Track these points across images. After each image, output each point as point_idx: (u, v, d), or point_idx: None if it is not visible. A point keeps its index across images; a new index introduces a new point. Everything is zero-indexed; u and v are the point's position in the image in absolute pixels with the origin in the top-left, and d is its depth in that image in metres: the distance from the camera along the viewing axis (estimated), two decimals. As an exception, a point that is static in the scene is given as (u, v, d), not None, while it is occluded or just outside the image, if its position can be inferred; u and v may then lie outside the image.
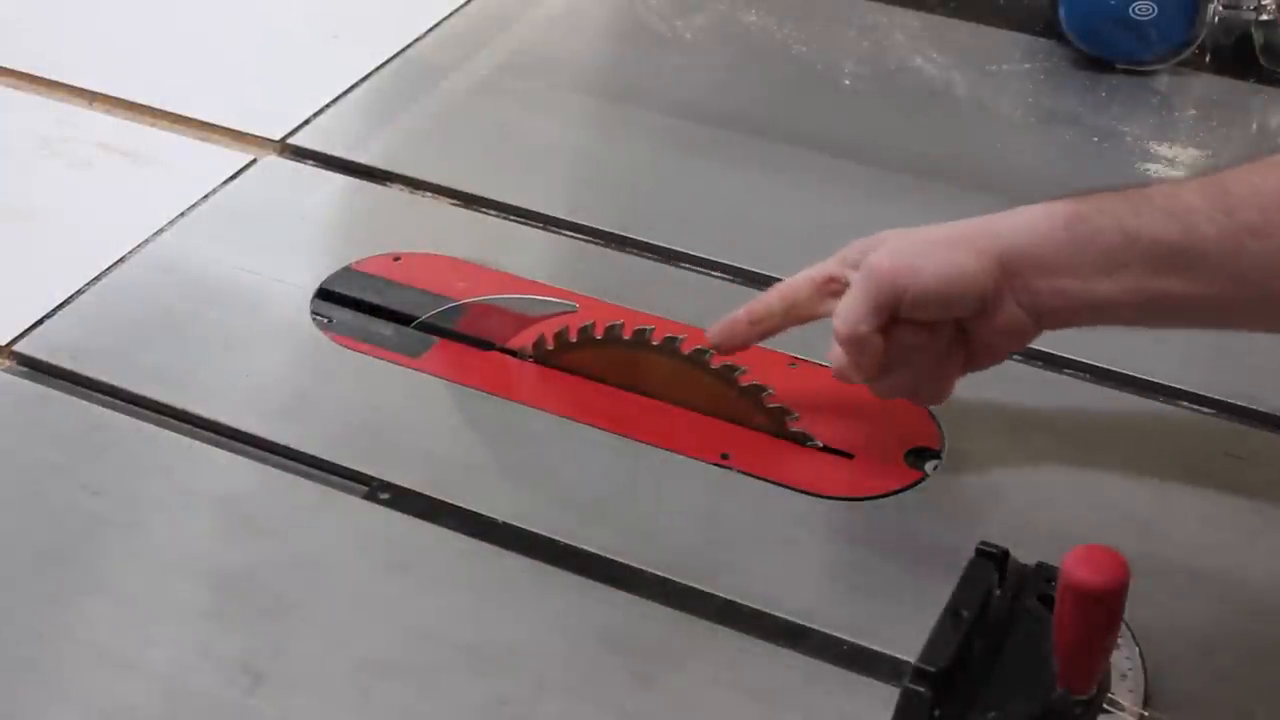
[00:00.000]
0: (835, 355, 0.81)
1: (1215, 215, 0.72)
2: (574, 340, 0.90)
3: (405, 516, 0.82)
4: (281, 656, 0.74)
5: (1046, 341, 0.93)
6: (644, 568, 0.79)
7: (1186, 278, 0.74)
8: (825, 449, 0.86)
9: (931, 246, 0.78)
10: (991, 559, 0.71)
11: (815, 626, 0.76)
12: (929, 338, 0.79)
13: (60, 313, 0.95)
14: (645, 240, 1.03)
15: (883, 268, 0.77)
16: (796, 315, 0.83)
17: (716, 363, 0.87)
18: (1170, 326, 0.79)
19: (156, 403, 0.88)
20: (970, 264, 0.76)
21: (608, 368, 0.90)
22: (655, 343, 0.88)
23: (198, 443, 0.86)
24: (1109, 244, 0.75)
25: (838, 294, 0.80)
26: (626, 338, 0.88)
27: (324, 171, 1.11)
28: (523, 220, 1.06)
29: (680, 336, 0.88)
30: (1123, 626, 0.66)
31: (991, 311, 0.77)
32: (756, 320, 0.84)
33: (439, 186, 1.08)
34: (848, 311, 0.78)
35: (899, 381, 0.81)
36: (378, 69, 1.22)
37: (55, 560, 0.79)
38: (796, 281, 0.83)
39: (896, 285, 0.77)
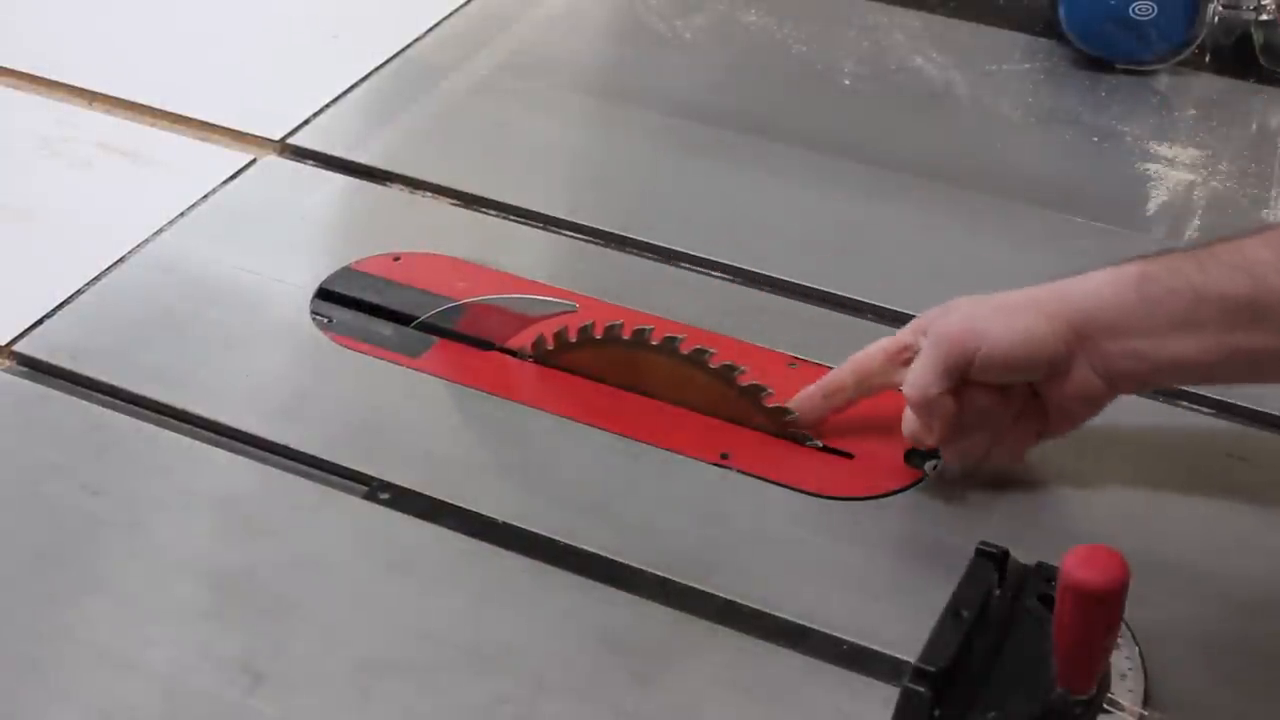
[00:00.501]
0: (907, 419, 0.81)
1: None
2: (573, 340, 0.90)
3: (405, 516, 0.82)
4: (281, 656, 0.74)
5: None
6: (644, 568, 0.79)
7: (1259, 330, 0.75)
8: (825, 449, 0.86)
9: (1001, 311, 0.79)
10: (991, 559, 0.71)
11: (815, 626, 0.76)
12: (1000, 401, 0.80)
13: (60, 313, 0.95)
14: (645, 240, 1.03)
15: (951, 331, 0.79)
16: (870, 386, 0.84)
17: (715, 362, 0.87)
18: (1247, 381, 0.80)
19: (156, 403, 0.88)
20: (1039, 327, 0.77)
21: (607, 368, 0.90)
22: (654, 343, 0.88)
23: (198, 443, 0.86)
24: (1179, 303, 0.75)
25: (910, 362, 0.81)
26: (626, 338, 0.88)
27: (324, 171, 1.11)
28: (523, 220, 1.06)
29: (680, 336, 0.88)
30: (1123, 626, 0.66)
31: (1063, 375, 0.78)
32: (830, 394, 0.85)
33: (439, 186, 1.08)
34: (917, 375, 0.79)
35: (972, 446, 0.81)
36: (378, 69, 1.22)
37: (55, 560, 0.79)
38: (870, 352, 0.84)
39: (966, 348, 0.78)
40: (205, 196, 1.06)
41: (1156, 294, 0.76)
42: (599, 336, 0.89)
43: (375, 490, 0.83)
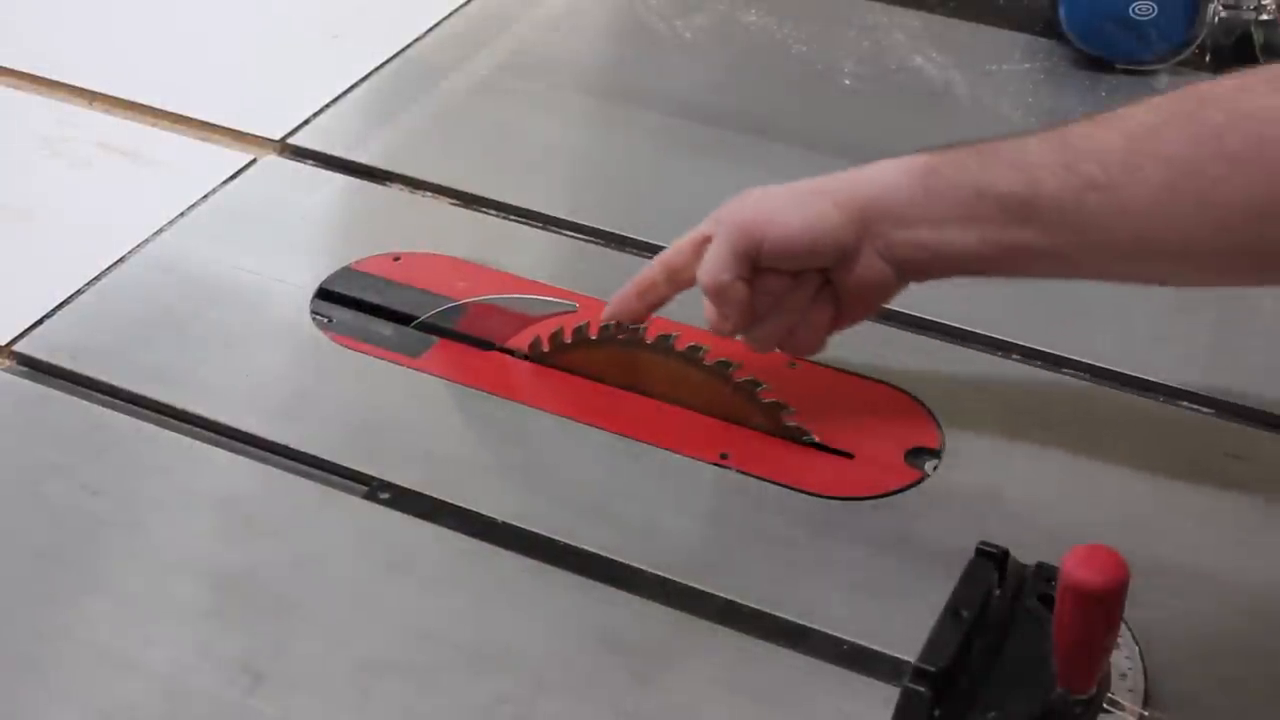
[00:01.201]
0: (707, 310, 0.83)
1: (1057, 169, 0.75)
2: (569, 341, 0.90)
3: (405, 516, 0.82)
4: (281, 656, 0.74)
5: (1046, 341, 0.94)
6: (644, 568, 0.79)
7: (1032, 229, 0.76)
8: (825, 449, 0.86)
9: (790, 198, 0.81)
10: (991, 559, 0.71)
11: (815, 626, 0.76)
12: (792, 287, 0.82)
13: (60, 313, 0.95)
14: (645, 240, 1.03)
15: (741, 218, 0.81)
16: (679, 280, 0.86)
17: (710, 359, 0.87)
18: (1021, 275, 0.80)
19: (156, 403, 0.88)
20: (828, 214, 0.80)
21: (604, 367, 0.90)
22: (649, 341, 0.88)
23: (198, 443, 0.86)
24: (960, 197, 0.78)
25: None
26: (620, 337, 0.88)
27: (324, 171, 1.11)
28: (523, 220, 1.06)
29: (673, 334, 0.88)
30: (1123, 626, 0.66)
31: (852, 262, 0.81)
32: (644, 291, 0.87)
33: (439, 186, 1.08)
34: (709, 263, 0.81)
35: (769, 331, 0.83)
36: (378, 69, 1.22)
37: (55, 560, 0.79)
38: (676, 246, 0.86)
39: (754, 234, 0.80)
40: (205, 196, 1.06)
41: (940, 187, 0.78)
42: (594, 337, 0.89)
43: (375, 490, 0.83)
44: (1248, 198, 0.71)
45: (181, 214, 1.04)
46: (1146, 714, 0.69)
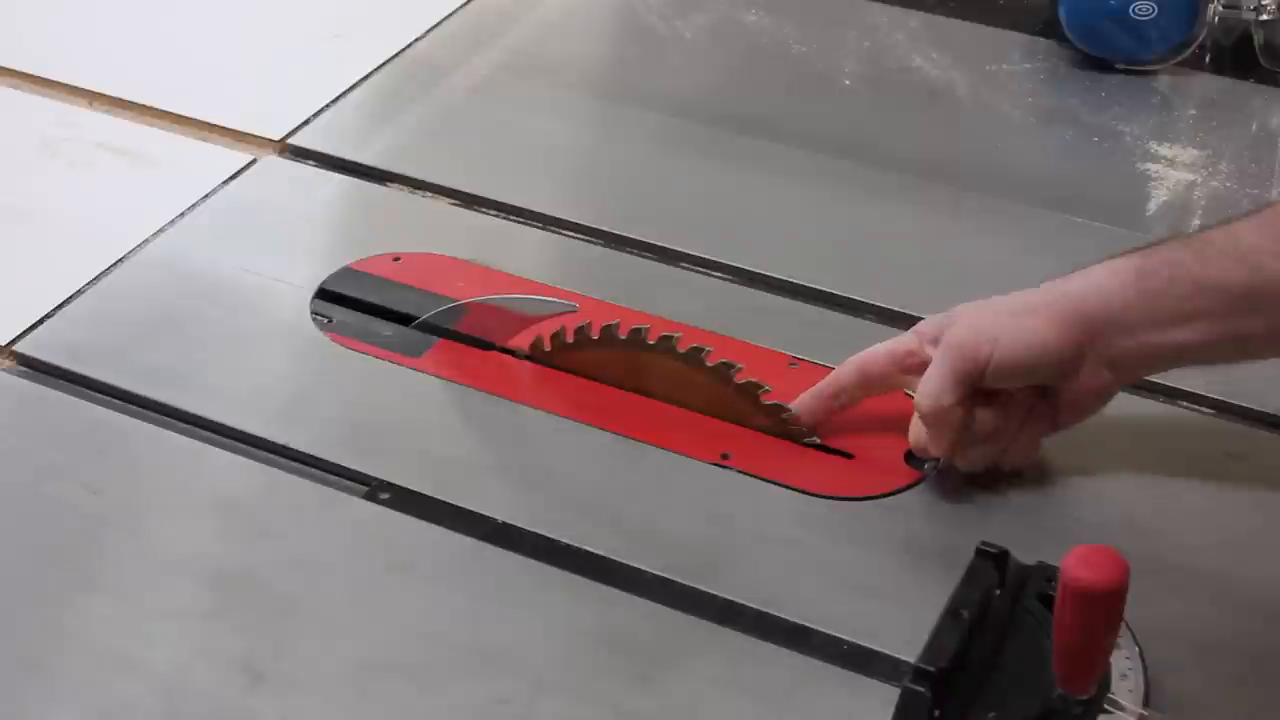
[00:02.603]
0: (915, 430, 0.82)
1: (1278, 253, 0.74)
2: (570, 341, 0.90)
3: (405, 516, 0.82)
4: (281, 656, 0.74)
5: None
6: (644, 568, 0.79)
7: (1256, 316, 0.77)
8: (825, 449, 0.86)
9: (1007, 316, 0.79)
10: (991, 559, 0.71)
11: (815, 626, 0.76)
12: (1006, 411, 0.81)
13: (60, 313, 0.95)
14: (645, 240, 1.03)
15: (963, 339, 0.79)
16: (872, 389, 0.85)
17: (712, 360, 0.87)
18: (1238, 361, 0.81)
19: (156, 403, 0.88)
20: (1048, 331, 0.78)
21: (606, 368, 0.90)
22: (651, 342, 0.88)
23: (198, 443, 0.86)
24: (1180, 294, 0.77)
25: (913, 368, 0.81)
26: (622, 337, 0.88)
27: (324, 171, 1.11)
28: (523, 220, 1.06)
29: (676, 335, 0.88)
30: (1123, 626, 0.66)
31: (1073, 373, 0.79)
32: (837, 394, 0.85)
33: (439, 186, 1.08)
34: (930, 386, 0.79)
35: (985, 453, 0.82)
36: (378, 69, 1.22)
37: (55, 560, 0.79)
38: (875, 355, 0.84)
39: (979, 357, 0.78)
40: (205, 196, 1.06)
41: (1157, 286, 0.77)
42: (595, 337, 0.89)
43: (375, 490, 0.83)
44: None
45: (181, 214, 1.04)
46: (1146, 714, 0.69)
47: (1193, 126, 1.20)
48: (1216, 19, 1.22)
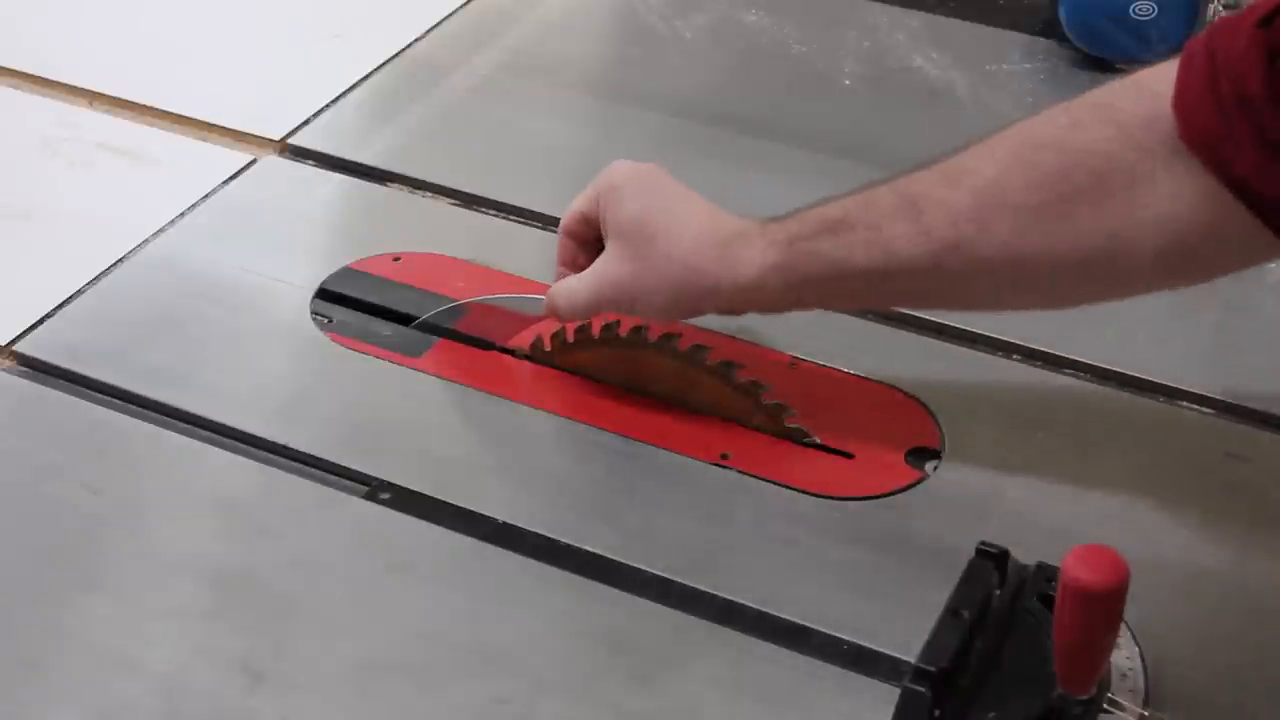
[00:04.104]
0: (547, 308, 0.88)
1: (915, 236, 0.76)
2: (571, 340, 0.90)
3: (405, 516, 0.82)
4: (281, 656, 0.74)
5: (1046, 341, 0.94)
6: (644, 568, 0.79)
7: (892, 295, 0.82)
8: (825, 449, 0.86)
9: (667, 275, 0.82)
10: (991, 559, 0.71)
11: (815, 626, 0.76)
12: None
13: (60, 313, 0.95)
14: (645, 240, 1.03)
15: (621, 282, 0.83)
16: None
17: (712, 360, 0.87)
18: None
19: (156, 403, 0.88)
20: (697, 306, 0.83)
21: (606, 368, 0.90)
22: (651, 342, 0.88)
23: (198, 443, 0.86)
24: (820, 288, 0.80)
25: (579, 236, 0.87)
26: (622, 337, 0.88)
27: (324, 171, 1.11)
28: (523, 220, 1.06)
29: (676, 335, 0.88)
30: (1123, 626, 0.66)
31: None
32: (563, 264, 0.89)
33: (439, 186, 1.08)
34: (574, 299, 0.85)
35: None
36: (378, 69, 1.22)
37: (55, 560, 0.79)
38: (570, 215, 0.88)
39: (623, 304, 0.84)
40: (205, 196, 1.06)
41: (797, 280, 0.79)
42: (596, 336, 0.89)
43: (375, 490, 0.83)
44: (1093, 230, 0.72)
45: (181, 214, 1.04)
46: (1147, 714, 0.69)
47: (1193, 126, 1.19)
48: (1216, 19, 1.22)
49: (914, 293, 0.81)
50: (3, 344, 0.92)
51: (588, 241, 0.87)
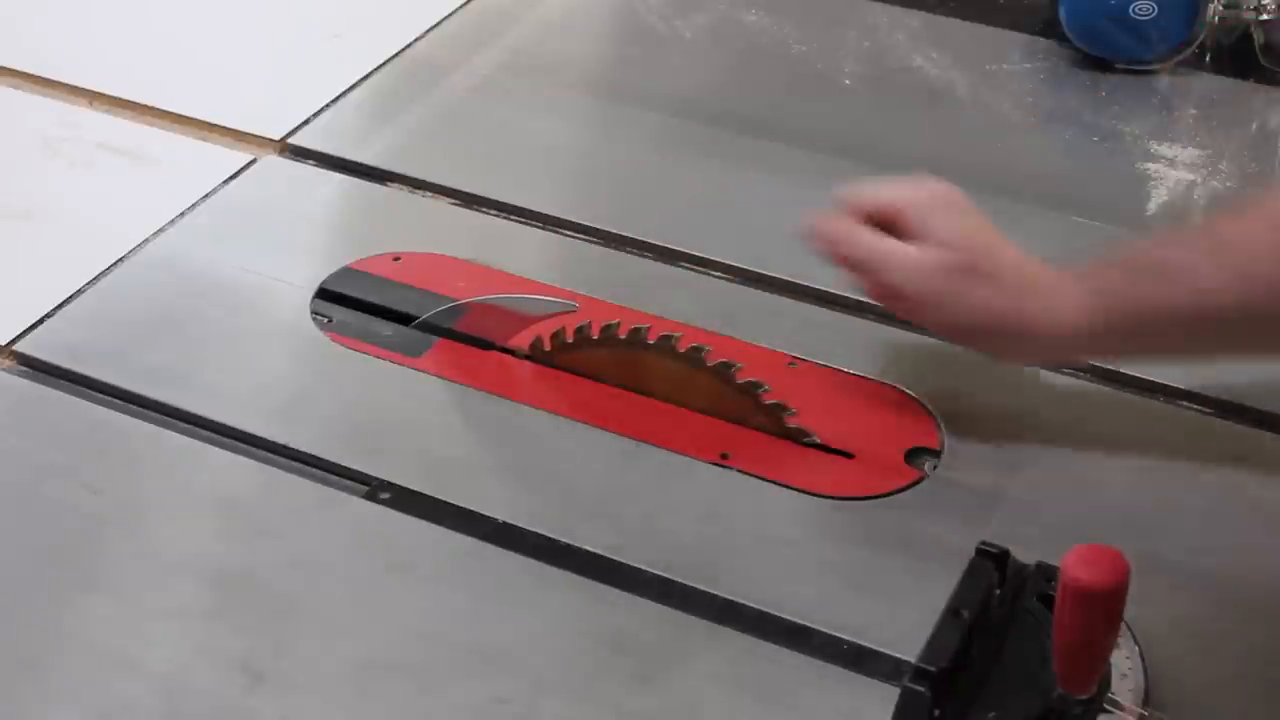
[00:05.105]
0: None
1: (1232, 281, 0.75)
2: (571, 340, 0.90)
3: (405, 516, 0.82)
4: (281, 656, 0.74)
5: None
6: (644, 568, 0.79)
7: (1220, 342, 0.80)
8: (825, 449, 0.86)
9: (967, 330, 0.83)
10: (991, 559, 0.71)
11: (815, 626, 0.76)
12: None
13: (60, 313, 0.95)
14: (645, 240, 1.03)
15: (908, 310, 0.84)
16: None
17: (712, 360, 0.87)
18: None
19: (156, 403, 0.88)
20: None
21: (606, 367, 0.90)
22: (651, 341, 0.88)
23: (198, 443, 0.86)
24: (1141, 326, 0.79)
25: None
26: (622, 337, 0.88)
27: (324, 171, 1.11)
28: (523, 220, 1.06)
29: (676, 335, 0.88)
30: (1123, 626, 0.66)
31: None
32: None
33: (439, 186, 1.08)
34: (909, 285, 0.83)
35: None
36: (378, 69, 1.22)
37: (56, 560, 0.79)
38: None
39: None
40: (205, 196, 1.06)
41: (1117, 321, 0.79)
42: (596, 337, 0.89)
43: (375, 490, 0.83)
44: None
45: (181, 214, 1.04)
46: (1146, 714, 0.69)
47: (1193, 126, 1.20)
48: (1216, 19, 1.22)
49: (1241, 350, 0.81)
50: (3, 344, 0.92)
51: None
